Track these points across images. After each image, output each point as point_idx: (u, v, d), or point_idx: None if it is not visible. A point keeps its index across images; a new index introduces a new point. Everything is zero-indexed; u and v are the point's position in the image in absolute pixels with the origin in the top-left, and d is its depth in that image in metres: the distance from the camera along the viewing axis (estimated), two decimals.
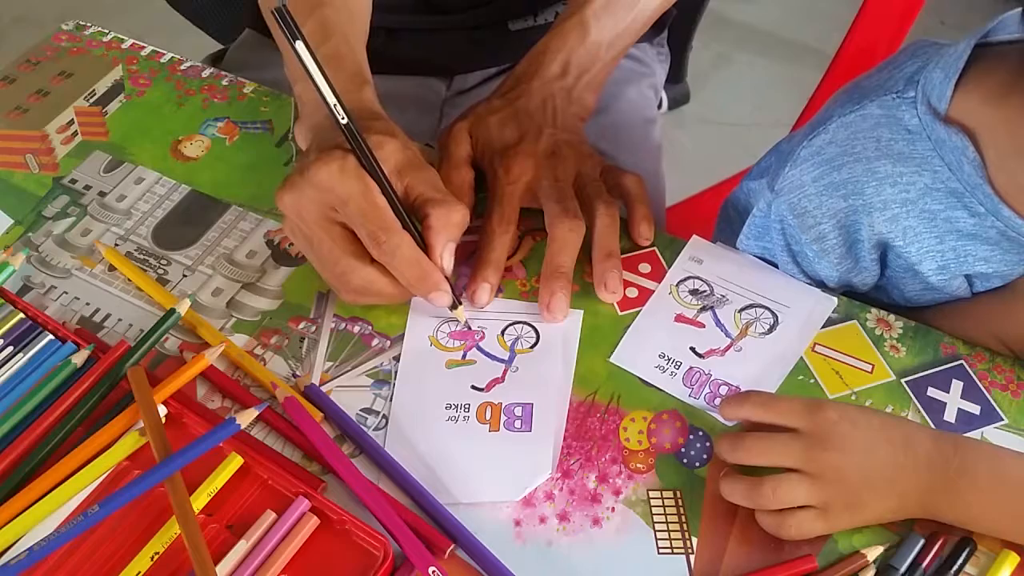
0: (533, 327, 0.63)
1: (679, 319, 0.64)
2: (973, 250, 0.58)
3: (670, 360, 0.62)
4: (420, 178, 0.59)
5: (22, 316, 0.61)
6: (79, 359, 0.59)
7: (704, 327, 0.63)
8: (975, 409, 0.59)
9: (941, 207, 0.57)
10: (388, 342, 0.63)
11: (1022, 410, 0.59)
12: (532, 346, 0.63)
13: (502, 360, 0.62)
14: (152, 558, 0.51)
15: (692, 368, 0.61)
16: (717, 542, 0.54)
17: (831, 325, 0.63)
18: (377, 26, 0.72)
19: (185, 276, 0.67)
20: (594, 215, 0.64)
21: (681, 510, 0.55)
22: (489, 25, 0.88)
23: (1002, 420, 0.59)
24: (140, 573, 0.51)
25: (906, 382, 0.61)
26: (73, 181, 0.72)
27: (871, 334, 0.63)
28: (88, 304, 0.65)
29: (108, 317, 0.64)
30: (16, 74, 0.80)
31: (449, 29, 0.88)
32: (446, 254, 0.59)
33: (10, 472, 0.54)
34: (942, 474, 0.52)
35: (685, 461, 0.57)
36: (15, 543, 0.52)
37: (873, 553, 0.53)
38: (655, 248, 0.68)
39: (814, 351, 0.62)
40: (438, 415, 0.59)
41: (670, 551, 0.54)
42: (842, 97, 0.62)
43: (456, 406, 0.60)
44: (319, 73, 0.54)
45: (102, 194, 0.71)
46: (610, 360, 0.62)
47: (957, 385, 0.61)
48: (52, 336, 0.60)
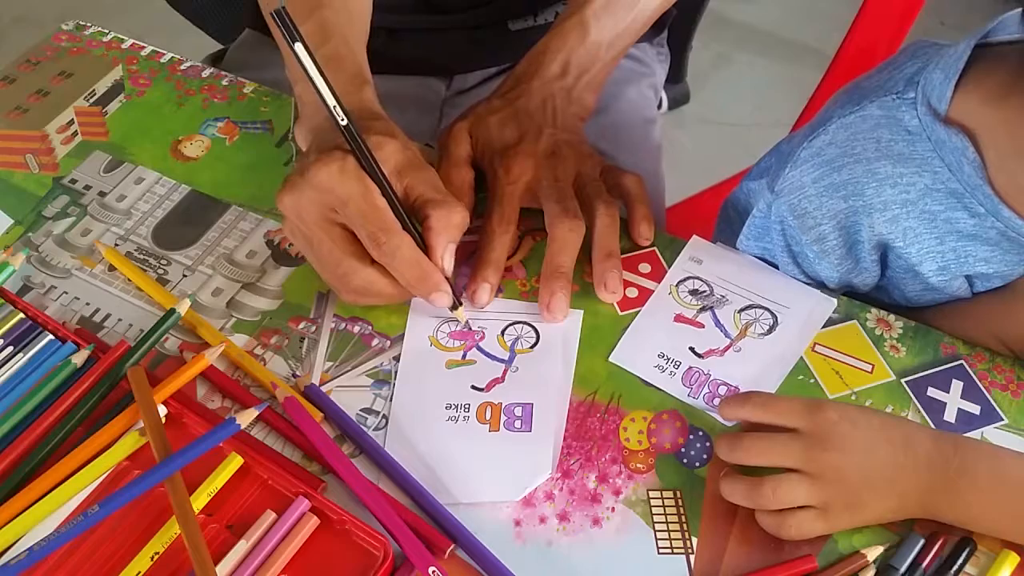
0: (533, 327, 0.63)
1: (679, 319, 0.64)
2: (973, 251, 0.58)
3: (669, 360, 0.62)
4: (420, 179, 0.59)
5: (22, 316, 0.61)
6: (79, 359, 0.59)
7: (703, 327, 0.63)
8: (975, 409, 0.59)
9: (941, 208, 0.57)
10: (388, 342, 0.63)
11: (1022, 410, 0.59)
12: (532, 346, 0.63)
13: (502, 360, 0.62)
14: (152, 558, 0.51)
15: (691, 368, 0.61)
16: (717, 542, 0.54)
17: (831, 325, 0.63)
18: (377, 26, 0.72)
19: (185, 276, 0.67)
20: (594, 215, 0.64)
21: (681, 510, 0.55)
22: (489, 25, 0.88)
23: (1002, 420, 0.59)
24: (140, 573, 0.51)
25: (906, 382, 0.61)
26: (73, 181, 0.72)
27: (871, 334, 0.63)
28: (88, 304, 0.65)
29: (108, 317, 0.64)
30: (16, 74, 0.80)
31: (449, 29, 0.88)
32: (446, 255, 0.59)
33: (10, 472, 0.54)
34: (942, 474, 0.52)
35: (685, 461, 0.57)
36: (15, 543, 0.52)
37: (873, 553, 0.53)
38: (655, 248, 0.68)
39: (814, 351, 0.62)
40: (438, 415, 0.59)
41: (670, 551, 0.54)
42: (842, 98, 0.62)
43: (456, 406, 0.60)
44: (319, 75, 0.54)
45: (102, 194, 0.71)
46: (609, 360, 0.62)
47: (957, 385, 0.61)
48: (52, 336, 0.60)
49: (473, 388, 0.61)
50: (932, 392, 0.60)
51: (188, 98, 0.78)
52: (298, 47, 0.53)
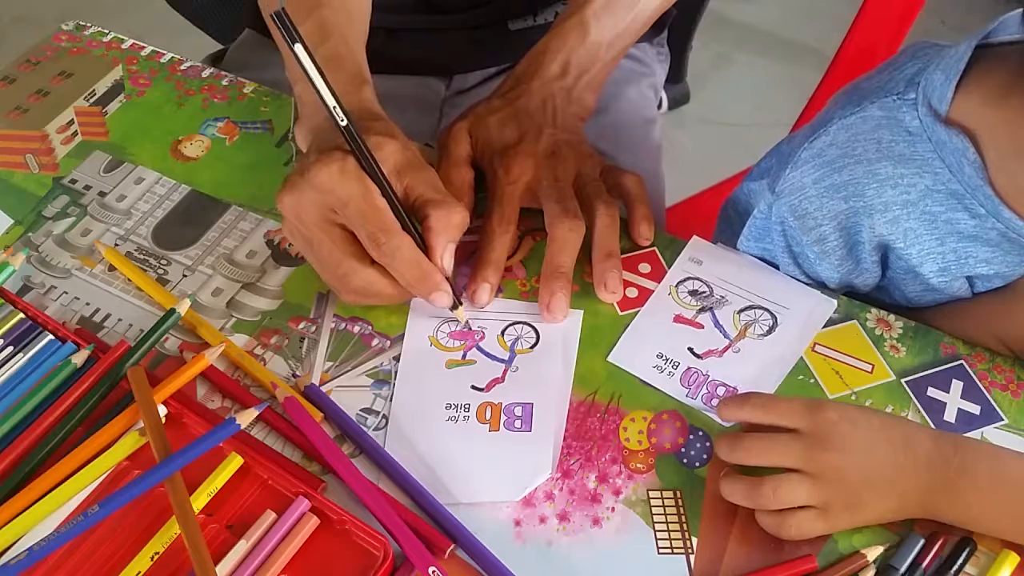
0: (533, 327, 0.63)
1: (678, 319, 0.64)
2: (974, 252, 0.58)
3: (668, 360, 0.62)
4: (420, 179, 0.59)
5: (22, 316, 0.61)
6: (79, 359, 0.59)
7: (703, 328, 0.63)
8: (975, 409, 0.59)
9: (942, 209, 0.57)
10: (388, 342, 0.63)
11: (1022, 410, 0.59)
12: (532, 346, 0.63)
13: (502, 360, 0.62)
14: (152, 558, 0.51)
15: (690, 368, 0.61)
16: (717, 542, 0.54)
17: (831, 325, 0.63)
18: (377, 26, 0.72)
19: (185, 276, 0.67)
20: (594, 215, 0.64)
21: (681, 510, 0.55)
22: (489, 25, 0.88)
23: (1002, 420, 0.59)
24: (140, 573, 0.51)
25: (906, 382, 0.61)
26: (73, 181, 0.72)
27: (871, 334, 0.63)
28: (88, 304, 0.65)
29: (108, 317, 0.64)
30: (16, 74, 0.80)
31: (449, 29, 0.88)
32: (446, 255, 0.59)
33: (10, 472, 0.54)
34: (942, 474, 0.52)
35: (685, 461, 0.57)
36: (15, 543, 0.52)
37: (873, 553, 0.53)
38: (655, 248, 0.68)
39: (814, 351, 0.62)
40: (438, 415, 0.59)
41: (670, 551, 0.54)
42: (842, 99, 0.62)
43: (456, 406, 0.60)
44: (318, 75, 0.54)
45: (102, 194, 0.71)
46: (608, 359, 0.62)
47: (957, 385, 0.61)
48: (52, 336, 0.60)
49: (473, 388, 0.61)
50: (932, 392, 0.60)
51: (188, 98, 0.78)
52: (298, 48, 0.53)
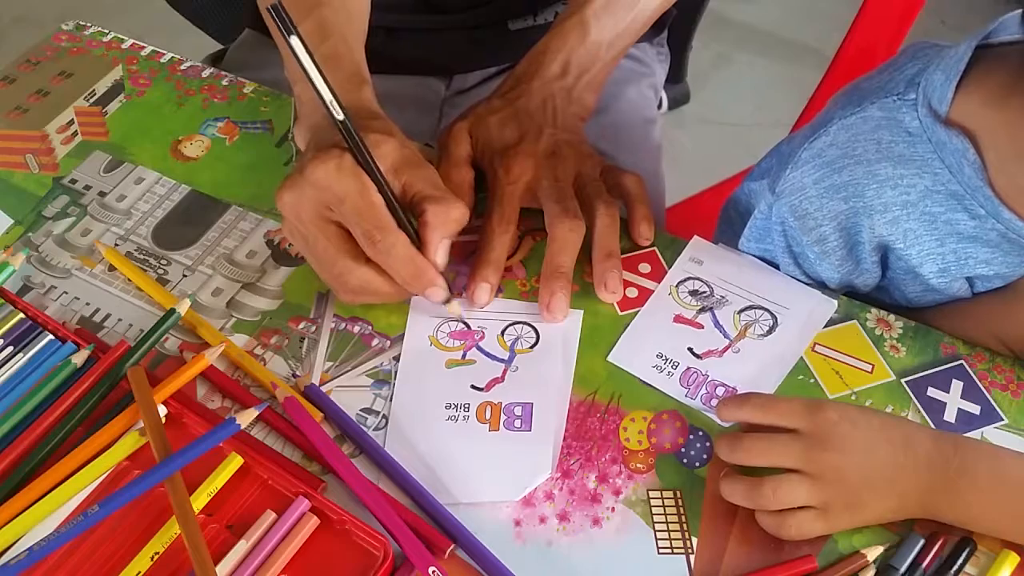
0: (533, 327, 0.63)
1: (678, 319, 0.64)
2: (974, 252, 0.58)
3: (668, 360, 0.62)
4: (418, 175, 0.58)
5: (22, 316, 0.61)
6: (79, 359, 0.59)
7: (703, 328, 0.63)
8: (975, 409, 0.59)
9: (942, 209, 0.57)
10: (388, 342, 0.63)
11: (1022, 410, 0.59)
12: (532, 346, 0.63)
13: (502, 360, 0.62)
14: (152, 558, 0.51)
15: (689, 368, 0.61)
16: (717, 542, 0.54)
17: (831, 325, 0.63)
18: (376, 25, 0.72)
19: (185, 276, 0.67)
20: (594, 215, 0.64)
21: (681, 510, 0.55)
22: (489, 25, 0.88)
23: (1002, 420, 0.59)
24: (140, 573, 0.51)
25: (906, 382, 0.61)
26: (73, 181, 0.72)
27: (871, 334, 0.63)
28: (88, 304, 0.65)
29: (108, 317, 0.64)
30: (16, 74, 0.80)
31: (449, 29, 0.88)
32: (441, 250, 0.58)
33: (10, 472, 0.54)
34: (942, 474, 0.52)
35: (685, 461, 0.57)
36: (15, 543, 0.52)
37: (873, 553, 0.53)
38: (655, 248, 0.68)
39: (814, 351, 0.62)
40: (438, 415, 0.59)
41: (670, 551, 0.54)
42: (842, 99, 0.62)
43: (456, 406, 0.60)
44: (315, 69, 0.54)
45: (102, 194, 0.71)
46: (608, 359, 0.62)
47: (957, 385, 0.61)
48: (52, 336, 0.60)
49: (473, 388, 0.61)
50: (932, 392, 0.60)
51: (188, 98, 0.78)
52: (294, 41, 0.52)
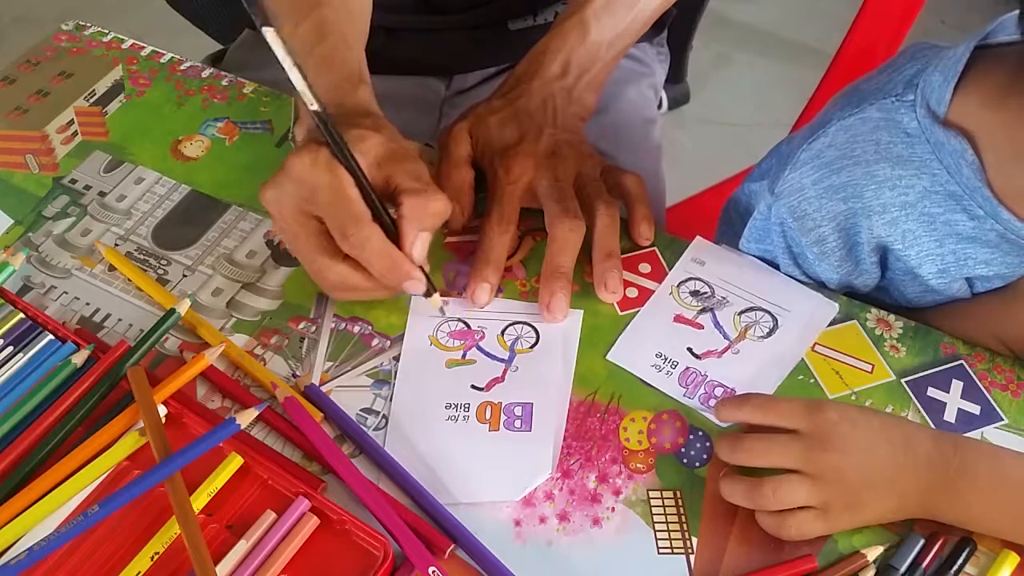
0: (533, 327, 0.63)
1: (678, 319, 0.64)
2: (973, 253, 0.58)
3: (667, 359, 0.62)
4: (399, 169, 0.58)
5: (22, 316, 0.61)
6: (79, 359, 0.59)
7: (703, 328, 0.63)
8: (975, 409, 0.59)
9: (940, 210, 0.57)
10: (388, 342, 0.63)
11: (1022, 410, 0.59)
12: (532, 346, 0.63)
13: (502, 360, 0.62)
14: (152, 558, 0.51)
15: (688, 368, 0.61)
16: (717, 542, 0.54)
17: (831, 325, 0.63)
18: (376, 26, 0.72)
19: (185, 276, 0.67)
20: (594, 215, 0.64)
21: (681, 510, 0.55)
22: (489, 25, 0.88)
23: (1002, 420, 0.59)
24: (140, 573, 0.51)
25: (906, 382, 0.61)
26: (73, 181, 0.72)
27: (871, 334, 0.63)
28: (88, 304, 0.65)
29: (108, 317, 0.64)
30: (16, 74, 0.80)
31: (449, 29, 0.88)
32: (418, 243, 0.57)
33: (10, 472, 0.54)
34: (942, 474, 0.52)
35: (685, 461, 0.57)
36: (15, 543, 0.52)
37: (873, 553, 0.53)
38: (655, 248, 0.68)
39: (814, 351, 0.62)
40: (438, 415, 0.59)
41: (670, 551, 0.54)
42: (841, 100, 0.62)
43: (456, 406, 0.60)
44: (288, 59, 0.52)
45: (102, 194, 0.71)
46: (607, 358, 0.62)
47: (957, 385, 0.61)
48: (52, 336, 0.60)
49: (473, 388, 0.61)
50: (932, 392, 0.60)
51: (188, 98, 0.78)
52: (267, 31, 0.51)
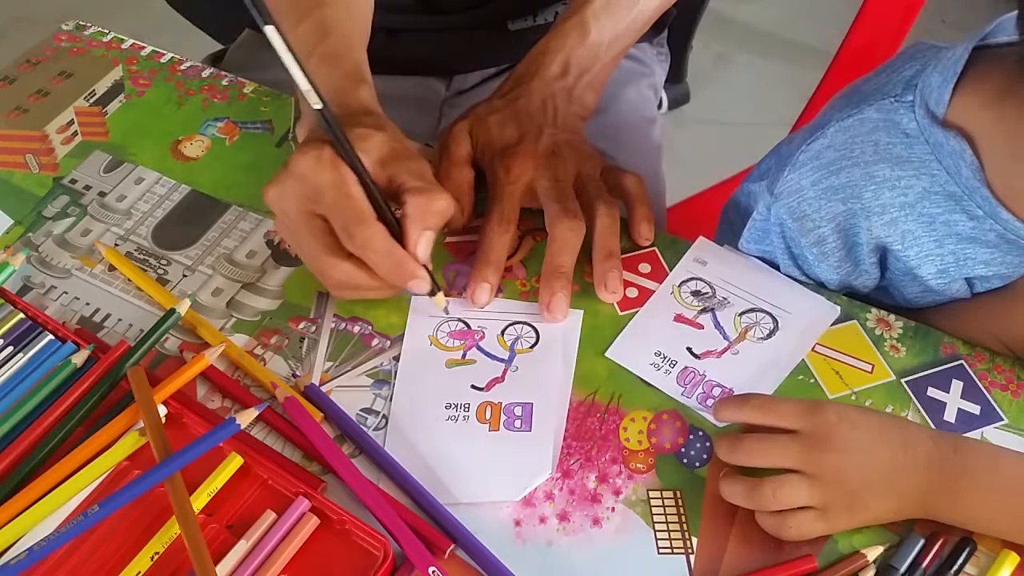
0: (533, 327, 0.63)
1: (678, 319, 0.64)
2: (972, 253, 0.58)
3: (665, 358, 0.62)
4: (403, 167, 0.58)
5: (22, 316, 0.61)
6: (79, 359, 0.59)
7: (703, 328, 0.63)
8: (975, 409, 0.59)
9: (940, 211, 0.57)
10: (388, 342, 0.63)
11: (1022, 410, 0.59)
12: (532, 346, 0.63)
13: (502, 360, 0.62)
14: (152, 558, 0.51)
15: (687, 368, 0.61)
16: (717, 542, 0.54)
17: (831, 325, 0.63)
18: (377, 26, 0.72)
19: (185, 276, 0.67)
20: (594, 215, 0.64)
21: (681, 510, 0.55)
22: (489, 25, 0.88)
23: (1002, 420, 0.59)
24: (140, 573, 0.51)
25: (906, 382, 0.61)
26: (73, 181, 0.72)
27: (871, 334, 0.63)
28: (88, 304, 0.65)
29: (108, 317, 0.64)
30: (16, 74, 0.80)
31: (449, 29, 0.88)
32: (422, 242, 0.57)
33: (10, 472, 0.54)
34: (942, 474, 0.52)
35: (685, 461, 0.57)
36: (15, 543, 0.52)
37: (873, 553, 0.53)
38: (655, 248, 0.68)
39: (814, 351, 0.62)
40: (438, 415, 0.59)
41: (670, 551, 0.54)
42: (840, 101, 0.62)
43: (456, 406, 0.60)
44: (290, 57, 0.52)
45: (102, 194, 0.71)
46: (605, 355, 0.62)
47: (957, 385, 0.61)
48: (52, 336, 0.60)
49: (473, 388, 0.61)
50: (932, 392, 0.60)
51: (188, 98, 0.78)
52: (269, 30, 0.51)
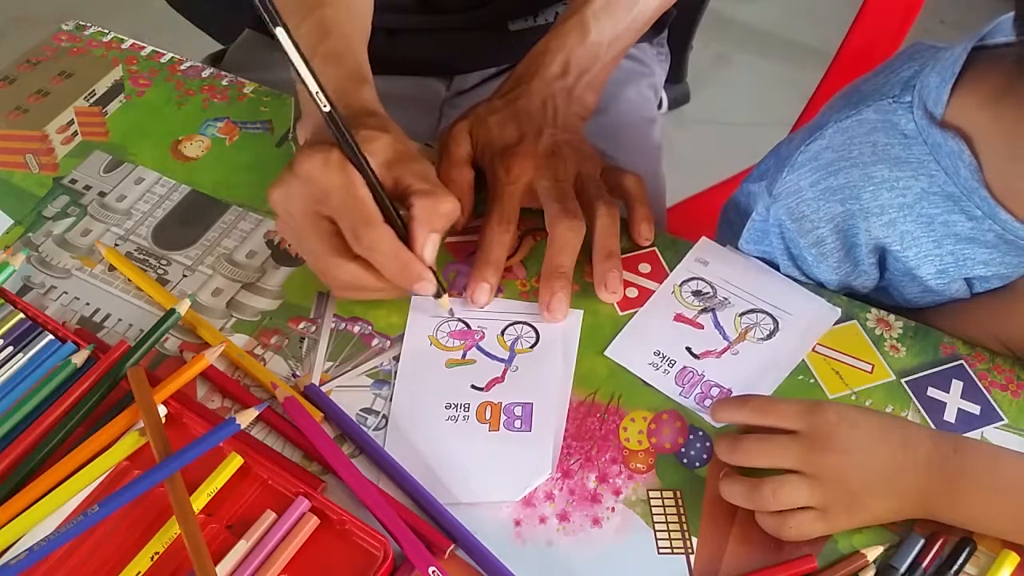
0: (533, 327, 0.63)
1: (678, 319, 0.64)
2: (971, 253, 0.58)
3: (664, 358, 0.62)
4: (409, 170, 0.58)
5: (22, 316, 0.61)
6: (79, 359, 0.59)
7: (703, 328, 0.63)
8: (975, 409, 0.59)
9: (938, 211, 0.57)
10: (388, 342, 0.63)
11: (1022, 410, 0.59)
12: (532, 346, 0.63)
13: (502, 360, 0.62)
14: (152, 558, 0.51)
15: (686, 368, 0.61)
16: (717, 542, 0.54)
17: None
18: (377, 26, 0.72)
19: (185, 276, 0.67)
20: (594, 215, 0.64)
21: (681, 510, 0.55)
22: (489, 25, 0.88)
23: (1002, 420, 0.59)
24: (140, 573, 0.51)
25: (906, 382, 0.61)
26: (73, 181, 0.72)
27: (871, 334, 0.63)
28: (88, 304, 0.65)
29: (108, 317, 0.64)
30: (16, 74, 0.80)
31: (449, 29, 0.88)
32: (429, 244, 0.58)
33: (10, 472, 0.54)
34: (941, 474, 0.52)
35: (685, 461, 0.57)
36: (15, 543, 0.52)
37: (873, 553, 0.53)
38: (655, 248, 0.68)
39: (814, 351, 0.62)
40: (438, 415, 0.59)
41: (670, 551, 0.54)
42: (839, 102, 0.62)
43: (456, 406, 0.60)
44: (300, 60, 0.52)
45: (102, 194, 0.72)
46: (604, 354, 0.62)
47: (957, 385, 0.61)
48: (52, 336, 0.60)
49: (473, 388, 0.61)
50: (932, 392, 0.60)
51: (188, 98, 0.78)
52: (279, 32, 0.51)
